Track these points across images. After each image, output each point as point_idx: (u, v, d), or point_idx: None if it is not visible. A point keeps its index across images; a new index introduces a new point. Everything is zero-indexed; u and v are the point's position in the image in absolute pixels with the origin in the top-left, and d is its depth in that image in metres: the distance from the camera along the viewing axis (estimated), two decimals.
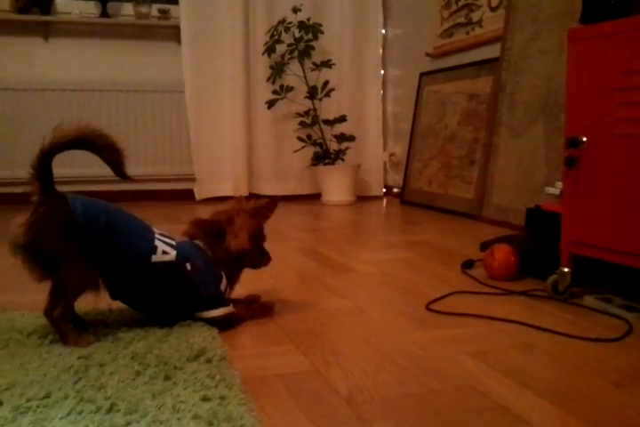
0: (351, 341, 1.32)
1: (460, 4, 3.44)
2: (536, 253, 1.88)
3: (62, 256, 1.22)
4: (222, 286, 1.40)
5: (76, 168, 3.65)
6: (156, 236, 1.34)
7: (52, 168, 1.23)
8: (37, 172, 1.22)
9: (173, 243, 1.37)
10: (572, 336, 1.33)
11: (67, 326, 1.26)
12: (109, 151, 1.26)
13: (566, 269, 1.60)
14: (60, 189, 1.26)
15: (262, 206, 1.49)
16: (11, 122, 3.80)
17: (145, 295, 1.34)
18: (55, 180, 1.24)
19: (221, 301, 1.39)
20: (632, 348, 1.27)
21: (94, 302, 1.35)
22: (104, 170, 1.31)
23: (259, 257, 1.49)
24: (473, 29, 3.34)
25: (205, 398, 0.98)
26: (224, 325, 1.37)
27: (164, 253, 1.32)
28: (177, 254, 1.33)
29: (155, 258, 1.30)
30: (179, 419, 0.91)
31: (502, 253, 1.85)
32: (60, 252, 1.22)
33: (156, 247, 1.31)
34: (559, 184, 1.65)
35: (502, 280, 1.83)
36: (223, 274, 1.41)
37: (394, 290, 1.75)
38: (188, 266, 1.34)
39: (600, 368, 1.16)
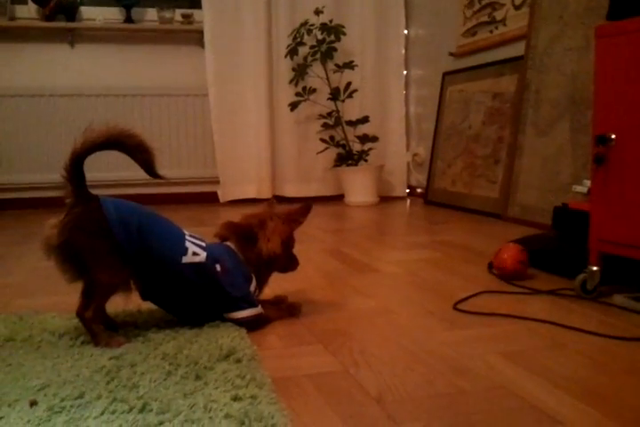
0: (379, 341, 1.32)
1: (484, 2, 3.42)
2: (564, 251, 1.86)
3: (94, 256, 1.24)
4: (252, 288, 1.41)
5: (104, 172, 3.72)
6: (187, 237, 1.36)
7: (84, 170, 1.25)
8: (70, 174, 1.24)
9: (203, 244, 1.38)
10: (602, 335, 1.32)
11: (98, 327, 1.27)
12: (140, 150, 1.27)
13: (595, 268, 1.59)
14: (92, 192, 1.28)
15: (295, 212, 1.49)
16: (38, 127, 3.87)
17: (175, 296, 1.36)
18: (87, 183, 1.26)
19: (250, 302, 1.39)
20: None
21: (124, 303, 1.37)
22: (133, 173, 1.33)
23: (288, 262, 1.51)
24: (497, 28, 3.32)
25: (236, 398, 0.98)
26: (252, 325, 1.37)
27: (195, 254, 1.33)
28: (207, 256, 1.35)
29: (185, 259, 1.31)
30: (210, 418, 0.92)
31: (502, 252, 1.85)
32: (93, 252, 1.23)
33: (186, 249, 1.32)
34: (587, 182, 1.63)
35: (509, 279, 1.81)
36: (253, 276, 1.42)
37: (420, 290, 1.75)
38: (218, 267, 1.35)
39: (632, 367, 1.15)
